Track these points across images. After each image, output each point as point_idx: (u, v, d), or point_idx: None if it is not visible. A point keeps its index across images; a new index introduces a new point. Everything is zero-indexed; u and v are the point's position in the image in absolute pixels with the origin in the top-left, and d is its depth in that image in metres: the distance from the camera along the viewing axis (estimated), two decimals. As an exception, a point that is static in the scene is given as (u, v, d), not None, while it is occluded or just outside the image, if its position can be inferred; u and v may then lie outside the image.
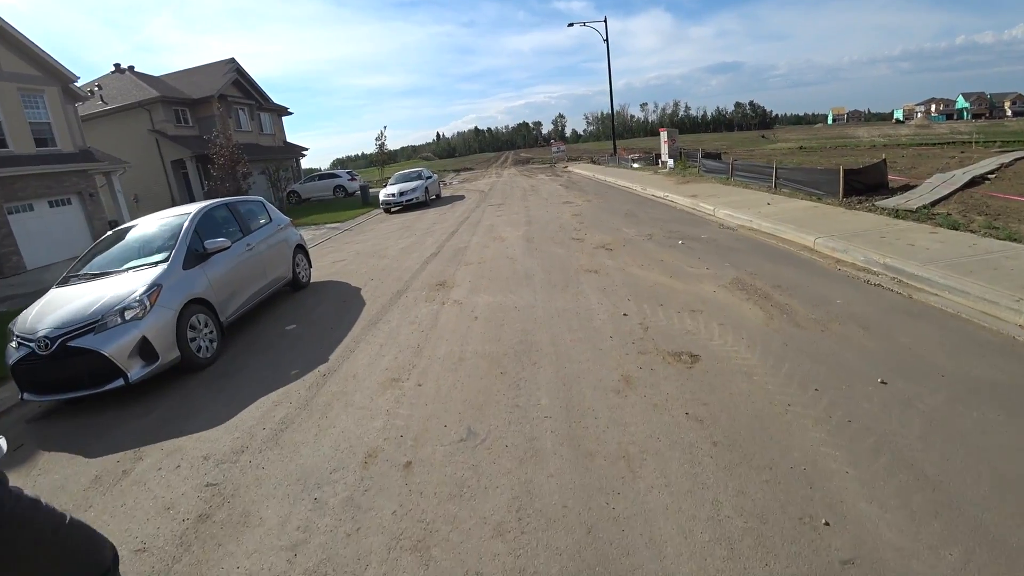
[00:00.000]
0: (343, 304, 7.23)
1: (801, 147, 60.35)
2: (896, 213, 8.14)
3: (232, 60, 32.09)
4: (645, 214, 11.69)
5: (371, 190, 25.00)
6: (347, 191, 29.87)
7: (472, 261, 8.76)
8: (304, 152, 38.69)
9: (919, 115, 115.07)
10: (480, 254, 9.25)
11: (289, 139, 36.67)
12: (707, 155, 18.39)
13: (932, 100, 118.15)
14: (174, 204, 27.33)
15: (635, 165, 28.79)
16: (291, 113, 38.11)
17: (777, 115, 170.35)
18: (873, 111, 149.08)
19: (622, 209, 12.91)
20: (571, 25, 31.68)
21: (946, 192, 9.17)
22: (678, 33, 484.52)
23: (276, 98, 36.43)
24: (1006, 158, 13.17)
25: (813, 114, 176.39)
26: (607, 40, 31.57)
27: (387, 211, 19.22)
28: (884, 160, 10.07)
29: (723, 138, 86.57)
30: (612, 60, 32.74)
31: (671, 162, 21.21)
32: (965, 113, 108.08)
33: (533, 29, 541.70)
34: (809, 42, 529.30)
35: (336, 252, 11.84)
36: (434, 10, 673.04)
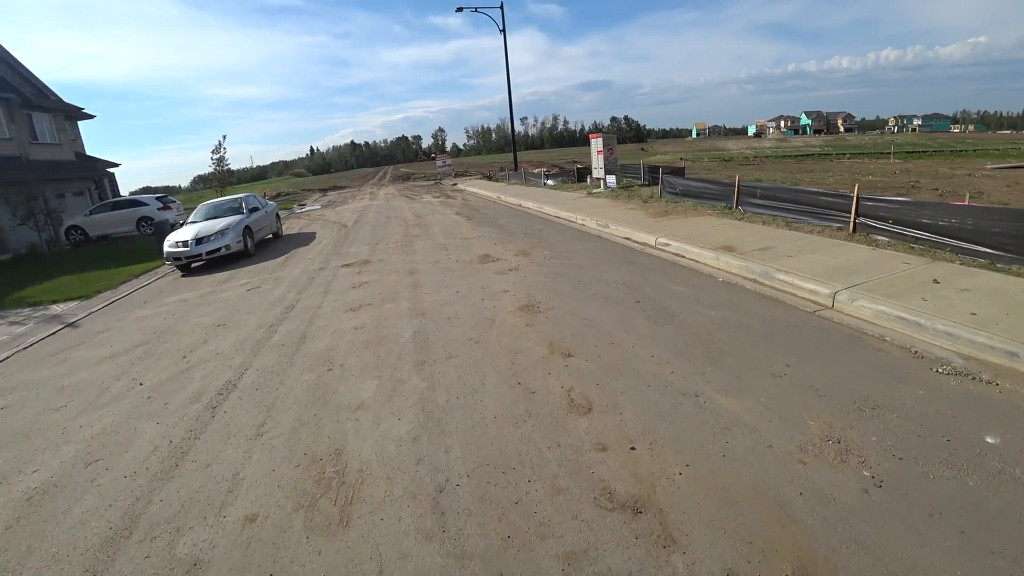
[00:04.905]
0: None
1: (682, 159, 60.78)
2: None
3: (-29, 36, 21.49)
4: (684, 307, 5.54)
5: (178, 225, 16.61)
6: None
7: None
8: (111, 169, 28.02)
9: (772, 130, 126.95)
10: None
11: (113, 155, 26.23)
12: (670, 171, 13.32)
13: (780, 117, 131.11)
14: None
15: (548, 182, 23.54)
16: (91, 116, 27.38)
17: (649, 129, 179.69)
18: (729, 127, 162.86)
19: (612, 284, 6.67)
20: (460, 10, 25.66)
21: None
22: (552, 51, 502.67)
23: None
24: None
25: (678, 129, 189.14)
26: (504, 30, 26.10)
27: (181, 268, 11.43)
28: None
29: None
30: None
31: (611, 180, 15.82)
32: (808, 129, 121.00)
33: (410, 43, 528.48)
34: (670, 64, 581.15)
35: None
36: (304, 20, 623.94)
